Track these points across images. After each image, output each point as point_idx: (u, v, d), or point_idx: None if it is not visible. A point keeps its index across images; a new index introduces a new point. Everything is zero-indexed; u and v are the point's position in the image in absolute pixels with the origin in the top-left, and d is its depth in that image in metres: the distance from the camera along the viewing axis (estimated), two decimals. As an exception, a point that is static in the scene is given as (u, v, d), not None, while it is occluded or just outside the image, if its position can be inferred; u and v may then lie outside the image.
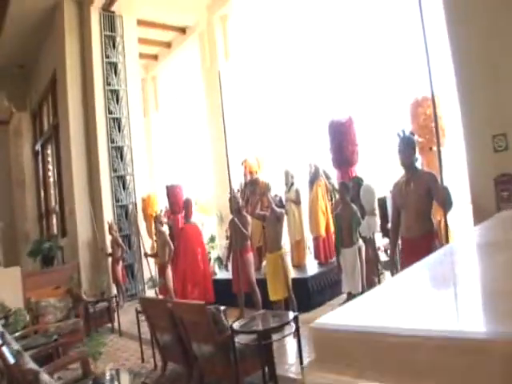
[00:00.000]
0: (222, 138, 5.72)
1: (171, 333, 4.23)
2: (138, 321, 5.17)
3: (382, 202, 5.66)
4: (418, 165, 4.72)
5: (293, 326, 3.75)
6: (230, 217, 6.46)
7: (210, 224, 10.90)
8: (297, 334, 3.64)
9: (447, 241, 3.57)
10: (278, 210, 5.43)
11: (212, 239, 10.32)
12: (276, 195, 5.91)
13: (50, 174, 12.64)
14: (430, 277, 1.20)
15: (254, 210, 5.84)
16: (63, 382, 3.62)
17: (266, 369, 3.77)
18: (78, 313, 6.54)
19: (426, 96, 4.80)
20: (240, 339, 3.71)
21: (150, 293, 8.76)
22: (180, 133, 13.83)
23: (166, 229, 7.96)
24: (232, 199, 6.10)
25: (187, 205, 7.68)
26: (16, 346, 3.62)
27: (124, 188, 9.79)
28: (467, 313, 0.86)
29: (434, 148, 4.44)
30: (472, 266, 1.29)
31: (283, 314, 4.11)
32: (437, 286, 1.07)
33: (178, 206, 8.62)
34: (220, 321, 3.71)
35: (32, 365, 3.10)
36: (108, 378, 2.90)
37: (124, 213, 9.77)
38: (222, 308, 3.92)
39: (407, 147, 3.63)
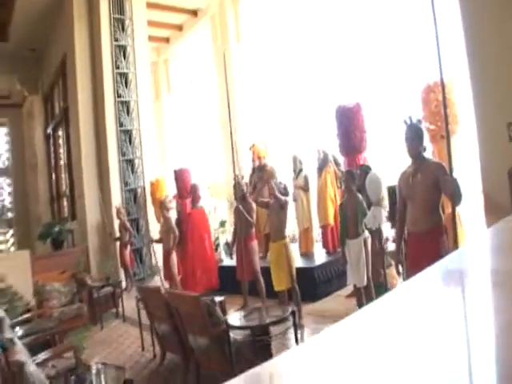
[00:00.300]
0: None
1: (168, 323, 4.15)
2: (138, 308, 5.10)
3: (392, 191, 5.42)
4: (429, 153, 4.49)
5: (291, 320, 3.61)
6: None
7: (222, 208, 10.80)
8: (294, 329, 3.51)
9: (455, 239, 3.35)
10: (281, 197, 5.24)
11: (222, 224, 10.22)
12: (281, 182, 5.73)
13: (61, 157, 12.67)
14: (406, 329, 0.85)
15: (258, 196, 5.68)
16: (56, 371, 3.57)
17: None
18: (82, 298, 6.53)
19: (438, 81, 4.53)
20: (236, 334, 3.59)
21: (157, 278, 8.73)
22: (192, 116, 13.69)
23: (173, 213, 7.87)
24: (236, 186, 5.95)
25: (194, 190, 7.58)
26: (9, 335, 3.57)
27: (132, 172, 9.72)
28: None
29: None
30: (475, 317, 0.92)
31: (288, 306, 3.96)
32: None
33: (186, 190, 8.50)
34: (214, 313, 3.59)
35: (20, 355, 3.04)
36: (94, 372, 2.83)
37: (132, 197, 9.71)
38: (218, 300, 3.81)
39: (414, 136, 3.41)
